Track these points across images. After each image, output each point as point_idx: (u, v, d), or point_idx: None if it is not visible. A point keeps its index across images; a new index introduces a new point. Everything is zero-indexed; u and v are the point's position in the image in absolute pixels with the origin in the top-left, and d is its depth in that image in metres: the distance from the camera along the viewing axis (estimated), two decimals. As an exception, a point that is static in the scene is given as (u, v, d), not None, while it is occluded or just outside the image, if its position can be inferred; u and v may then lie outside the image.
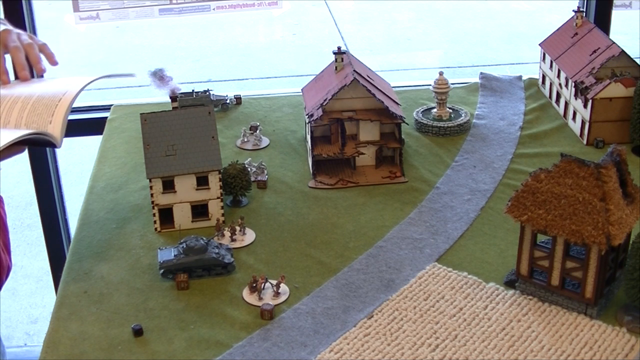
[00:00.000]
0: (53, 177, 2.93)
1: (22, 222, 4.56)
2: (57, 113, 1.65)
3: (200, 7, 2.92)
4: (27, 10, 2.72)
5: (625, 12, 2.99)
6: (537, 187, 1.59)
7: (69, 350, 1.57)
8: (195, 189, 1.91)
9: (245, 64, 6.42)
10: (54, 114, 1.64)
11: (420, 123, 2.40)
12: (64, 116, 1.65)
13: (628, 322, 1.57)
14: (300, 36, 6.96)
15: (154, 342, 1.58)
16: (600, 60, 2.30)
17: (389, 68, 5.93)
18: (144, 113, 1.92)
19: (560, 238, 1.58)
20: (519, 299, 1.66)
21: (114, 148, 2.36)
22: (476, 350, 1.53)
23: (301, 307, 1.67)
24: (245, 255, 1.84)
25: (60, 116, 1.64)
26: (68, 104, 1.67)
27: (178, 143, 1.89)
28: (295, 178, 2.17)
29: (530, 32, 6.57)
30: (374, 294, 1.71)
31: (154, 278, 1.77)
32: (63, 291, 1.74)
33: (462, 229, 1.93)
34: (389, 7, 7.47)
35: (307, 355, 1.54)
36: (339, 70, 2.21)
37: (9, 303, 3.88)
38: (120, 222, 1.98)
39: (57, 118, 1.64)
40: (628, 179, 1.61)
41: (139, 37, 6.84)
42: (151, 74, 1.98)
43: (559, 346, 1.53)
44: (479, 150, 2.29)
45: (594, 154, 2.24)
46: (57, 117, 1.64)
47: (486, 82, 2.70)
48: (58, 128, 1.63)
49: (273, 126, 2.46)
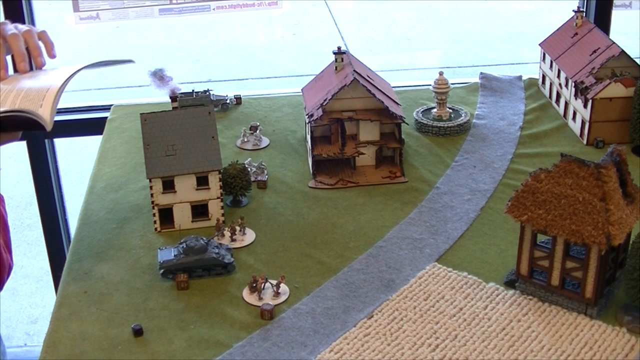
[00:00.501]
0: (53, 177, 2.93)
1: (22, 222, 4.56)
2: (47, 96, 1.67)
3: (200, 7, 2.92)
4: (27, 10, 2.73)
5: (625, 12, 2.99)
6: (537, 187, 1.59)
7: (69, 350, 1.57)
8: (195, 189, 1.91)
9: (245, 64, 6.42)
10: (45, 97, 1.67)
11: (420, 123, 2.40)
12: (54, 99, 1.67)
13: (628, 322, 1.57)
14: (300, 36, 6.96)
15: (154, 342, 1.58)
16: (600, 60, 2.30)
17: (389, 68, 5.93)
18: (144, 113, 1.92)
19: (560, 238, 1.58)
20: (519, 299, 1.66)
21: (114, 148, 2.36)
22: (476, 350, 1.53)
23: (301, 307, 1.67)
24: (245, 255, 1.84)
25: (51, 99, 1.67)
26: (58, 88, 1.69)
27: (178, 143, 1.89)
28: (295, 178, 2.17)
29: (530, 32, 6.57)
30: (374, 294, 1.71)
31: (154, 278, 1.77)
32: (63, 291, 1.74)
33: (462, 229, 1.93)
34: (389, 7, 7.47)
35: (307, 355, 1.54)
36: (339, 70, 2.21)
37: (9, 303, 3.88)
38: (120, 222, 1.98)
39: (47, 101, 1.66)
40: (628, 179, 1.61)
41: (139, 37, 6.84)
42: (151, 74, 1.98)
43: (559, 346, 1.53)
44: (479, 150, 2.29)
45: (594, 154, 2.24)
46: (48, 100, 1.67)
47: (486, 82, 2.70)
48: (48, 111, 1.64)
49: (273, 126, 2.46)
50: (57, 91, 1.68)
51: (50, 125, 1.65)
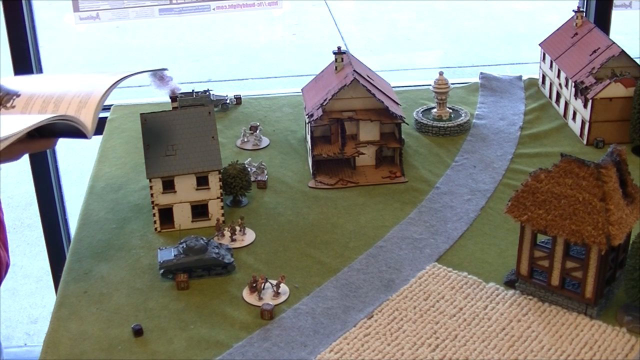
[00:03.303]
0: (53, 177, 2.93)
1: (22, 222, 4.56)
2: (89, 105, 1.65)
3: (200, 7, 2.92)
4: (27, 10, 2.72)
5: (625, 12, 2.99)
6: (537, 187, 1.59)
7: (69, 350, 1.57)
8: (195, 189, 1.91)
9: (245, 64, 6.42)
10: (87, 105, 1.65)
11: (420, 123, 2.40)
12: (96, 108, 1.65)
13: (628, 322, 1.57)
14: (300, 36, 6.96)
15: (154, 342, 1.58)
16: (600, 60, 2.30)
17: (389, 68, 5.92)
18: (144, 113, 1.92)
19: (560, 238, 1.58)
20: (519, 299, 1.66)
21: (114, 148, 2.37)
22: (476, 350, 1.53)
23: (301, 307, 1.67)
24: (245, 255, 1.84)
25: (92, 108, 1.64)
26: (101, 95, 1.68)
27: (178, 143, 1.89)
28: (295, 178, 2.17)
29: (530, 32, 6.57)
30: (374, 294, 1.71)
31: (154, 278, 1.77)
32: (63, 291, 1.74)
33: (462, 229, 1.93)
34: (389, 7, 7.46)
35: (307, 355, 1.54)
36: (339, 70, 2.21)
37: (9, 303, 3.87)
38: (120, 222, 1.98)
39: (89, 109, 1.64)
40: (628, 179, 1.61)
41: (139, 37, 6.84)
42: (151, 74, 1.97)
43: (559, 346, 1.53)
44: (479, 150, 2.29)
45: (594, 154, 2.24)
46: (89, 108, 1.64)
47: (486, 82, 2.70)
48: (90, 118, 1.63)
49: (273, 126, 2.46)
50: (100, 98, 1.66)
51: (92, 133, 1.64)
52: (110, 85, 1.71)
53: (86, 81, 1.76)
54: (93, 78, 1.78)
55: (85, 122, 1.62)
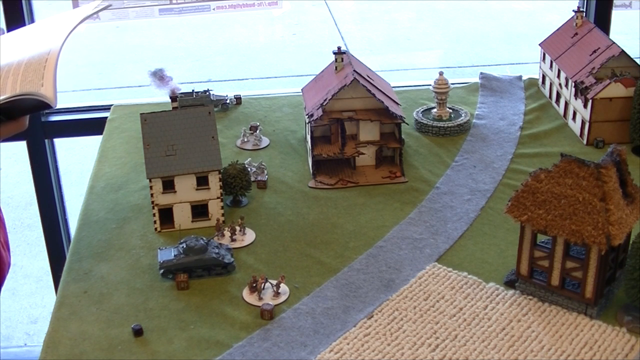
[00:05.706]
0: (53, 177, 2.93)
1: (22, 222, 4.56)
2: (46, 75, 1.64)
3: (200, 7, 2.92)
4: (27, 10, 2.72)
5: (625, 12, 2.99)
6: (537, 187, 1.59)
7: (69, 350, 1.57)
8: (195, 189, 1.91)
9: (245, 64, 6.41)
10: (44, 76, 1.64)
11: (420, 123, 2.40)
12: (53, 74, 1.64)
13: (628, 322, 1.57)
14: (300, 36, 6.96)
15: (154, 342, 1.58)
16: (600, 60, 2.30)
17: (389, 68, 5.92)
18: (144, 113, 1.92)
19: (560, 238, 1.58)
20: (519, 299, 1.66)
21: (114, 148, 2.36)
22: (476, 350, 1.53)
23: (301, 307, 1.67)
24: (245, 255, 1.84)
25: (50, 76, 1.64)
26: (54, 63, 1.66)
27: (178, 143, 1.89)
28: (295, 178, 2.17)
29: (530, 32, 6.57)
30: (374, 294, 1.71)
31: (154, 278, 1.77)
32: (63, 291, 1.74)
33: (462, 229, 1.93)
34: (389, 7, 7.46)
35: (307, 355, 1.54)
36: (339, 70, 2.21)
37: (9, 303, 3.88)
38: (120, 222, 1.98)
39: (48, 78, 1.64)
40: (628, 179, 1.61)
41: (139, 37, 6.83)
42: (151, 74, 1.98)
43: (559, 346, 1.53)
44: (479, 150, 2.29)
45: (594, 154, 2.24)
46: (47, 78, 1.64)
47: (486, 82, 2.70)
48: (50, 88, 1.62)
49: (273, 126, 2.46)
50: (55, 62, 1.65)
51: (56, 101, 1.62)
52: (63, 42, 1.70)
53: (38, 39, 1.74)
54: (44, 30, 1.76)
55: (47, 94, 1.61)
